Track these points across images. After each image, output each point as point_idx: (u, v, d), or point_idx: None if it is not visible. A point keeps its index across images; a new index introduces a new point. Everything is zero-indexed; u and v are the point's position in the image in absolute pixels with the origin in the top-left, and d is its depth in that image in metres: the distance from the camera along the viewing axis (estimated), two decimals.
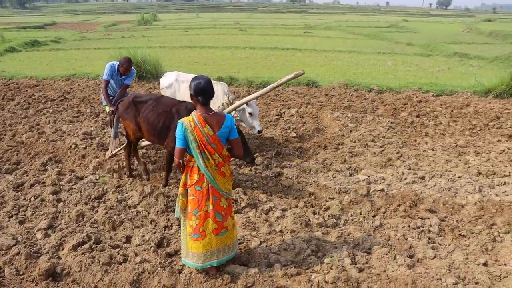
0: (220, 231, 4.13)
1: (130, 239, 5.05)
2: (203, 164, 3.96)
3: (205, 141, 3.90)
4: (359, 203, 5.94)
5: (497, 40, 28.31)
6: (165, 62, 14.90)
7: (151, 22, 41.85)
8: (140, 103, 6.22)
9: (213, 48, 20.81)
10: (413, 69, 16.27)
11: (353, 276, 4.23)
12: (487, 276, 4.34)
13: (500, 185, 6.59)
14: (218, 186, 4.05)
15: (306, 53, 19.67)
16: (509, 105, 11.34)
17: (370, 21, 47.35)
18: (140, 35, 27.21)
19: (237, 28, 33.62)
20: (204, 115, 3.92)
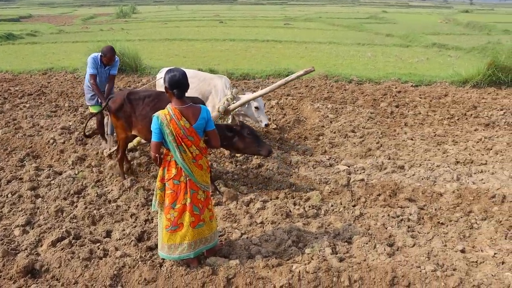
0: (197, 224, 4.14)
1: (110, 233, 5.01)
2: (180, 157, 3.96)
3: (181, 134, 3.90)
4: (339, 193, 5.98)
5: (474, 31, 28.67)
6: (145, 55, 14.74)
7: (130, 15, 41.27)
8: (136, 100, 5.84)
9: (193, 40, 20.64)
10: (392, 60, 16.39)
11: (334, 266, 4.27)
12: (464, 262, 4.43)
13: (477, 173, 6.70)
14: (195, 179, 4.06)
15: (286, 44, 19.65)
16: (486, 94, 11.52)
17: (350, 12, 47.47)
18: (119, 28, 26.82)
19: (217, 20, 33.39)
20: (179, 108, 3.91)
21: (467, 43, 20.49)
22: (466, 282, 4.08)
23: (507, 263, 4.40)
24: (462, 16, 40.90)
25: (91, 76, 7.01)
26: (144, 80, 12.10)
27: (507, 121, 9.30)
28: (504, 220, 5.28)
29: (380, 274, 4.18)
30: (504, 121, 9.34)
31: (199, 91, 7.23)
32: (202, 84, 7.30)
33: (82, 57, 13.64)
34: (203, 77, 7.43)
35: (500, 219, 5.31)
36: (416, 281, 4.13)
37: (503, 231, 5.02)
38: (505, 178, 6.51)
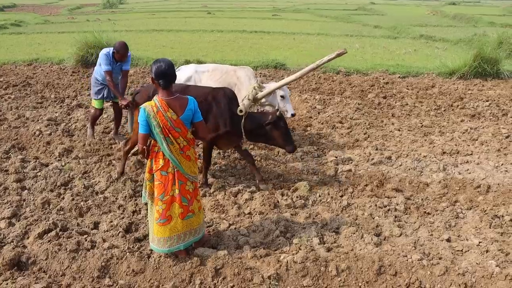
0: (186, 215, 4.14)
1: (97, 225, 4.98)
2: (168, 149, 3.94)
3: (168, 125, 3.88)
4: (327, 183, 6.00)
5: (460, 23, 28.87)
6: (132, 46, 14.48)
7: (117, 5, 40.87)
8: None
9: (180, 31, 20.51)
10: (380, 51, 16.45)
11: (322, 256, 4.29)
12: (450, 251, 4.49)
13: (463, 163, 6.77)
14: (183, 170, 4.04)
15: (275, 35, 19.61)
16: (472, 86, 11.63)
17: (338, 4, 47.51)
18: (105, 19, 26.54)
19: (205, 11, 33.20)
20: (166, 99, 3.90)
21: (454, 35, 20.63)
22: (452, 271, 4.13)
23: (491, 252, 4.47)
24: (449, 8, 41.15)
25: (107, 73, 6.86)
26: (131, 71, 11.98)
27: (492, 112, 9.40)
28: (488, 209, 5.36)
29: (367, 264, 4.21)
30: (490, 112, 9.44)
31: (223, 83, 6.95)
32: (226, 76, 7.09)
33: (68, 47, 13.49)
34: (225, 69, 7.22)
35: (484, 209, 5.38)
36: (403, 270, 4.17)
37: (487, 220, 5.09)
38: (490, 168, 6.59)
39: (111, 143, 7.22)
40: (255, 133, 5.62)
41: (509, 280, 4.02)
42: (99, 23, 23.10)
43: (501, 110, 9.56)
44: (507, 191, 5.81)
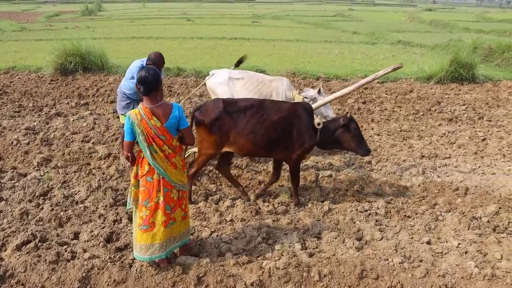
0: (168, 223, 4.12)
1: (78, 235, 4.90)
2: (151, 157, 3.92)
3: (152, 133, 3.86)
4: (308, 189, 6.04)
5: (437, 28, 29.35)
6: (111, 53, 14.49)
7: (96, 13, 40.41)
8: (236, 112, 5.27)
9: (160, 38, 20.40)
10: (359, 57, 16.61)
11: (304, 261, 4.31)
12: (430, 254, 4.56)
13: (441, 166, 6.88)
14: (169, 178, 4.02)
15: (254, 42, 19.66)
16: (449, 90, 11.84)
17: (317, 10, 47.86)
18: (84, 26, 26.24)
19: (185, 18, 33.10)
20: (150, 107, 3.89)
21: (431, 41, 20.97)
22: (432, 273, 4.20)
23: (469, 253, 4.55)
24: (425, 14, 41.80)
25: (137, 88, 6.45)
26: (111, 79, 11.89)
27: (469, 116, 9.59)
28: (467, 211, 5.45)
29: (349, 268, 4.24)
30: (466, 115, 9.63)
31: (258, 93, 6.80)
32: (261, 86, 6.91)
33: (46, 55, 13.29)
34: (261, 79, 7.04)
35: (463, 211, 5.47)
36: (384, 273, 4.21)
37: (466, 222, 5.18)
38: (467, 170, 6.72)
39: (91, 152, 7.14)
40: (328, 141, 5.57)
41: (487, 280, 4.10)
42: (77, 31, 22.86)
43: (477, 114, 9.76)
44: (484, 193, 5.92)
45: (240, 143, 5.28)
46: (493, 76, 13.09)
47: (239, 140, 5.26)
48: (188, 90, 11.03)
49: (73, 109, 9.57)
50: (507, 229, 5.08)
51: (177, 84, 11.67)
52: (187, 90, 11.08)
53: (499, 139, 8.19)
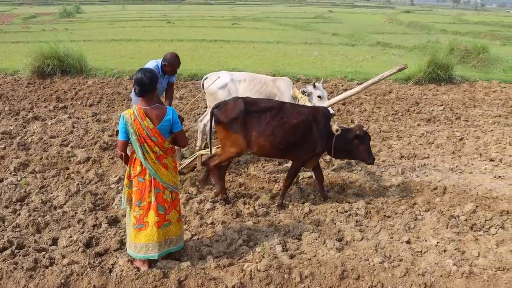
0: (162, 224, 4.16)
1: (56, 241, 4.82)
2: (143, 157, 4.00)
3: (145, 134, 3.95)
4: (289, 190, 6.04)
5: (415, 30, 29.79)
6: (90, 56, 14.31)
7: (74, 15, 39.87)
8: (256, 113, 5.26)
9: (140, 41, 20.25)
10: (338, 58, 16.74)
11: (285, 263, 4.32)
12: (410, 253, 4.61)
13: (420, 166, 6.96)
14: (161, 179, 4.09)
15: (235, 44, 19.66)
16: (427, 91, 12.00)
17: (297, 12, 48.08)
18: (62, 28, 25.88)
19: (165, 20, 32.92)
20: (144, 108, 3.98)
21: (409, 42, 21.26)
22: (412, 271, 4.25)
23: (448, 251, 4.62)
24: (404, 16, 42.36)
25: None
26: (90, 82, 11.75)
27: (446, 116, 9.74)
28: (445, 210, 5.53)
29: (330, 269, 4.26)
30: (444, 116, 9.78)
31: (264, 94, 6.80)
32: (265, 87, 6.90)
33: (23, 58, 13.06)
34: (263, 80, 7.01)
35: (441, 210, 5.55)
36: (365, 273, 4.25)
37: (444, 221, 5.25)
38: (445, 170, 6.81)
39: (69, 156, 7.03)
40: (342, 149, 5.60)
41: (465, 278, 4.17)
42: (55, 33, 22.54)
43: (454, 114, 9.92)
44: (462, 191, 6.01)
45: (260, 143, 5.30)
46: (469, 77, 13.34)
47: (260, 140, 5.27)
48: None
49: (51, 112, 9.42)
50: (484, 227, 5.18)
51: None
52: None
53: (476, 139, 8.34)
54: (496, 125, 9.20)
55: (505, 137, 8.39)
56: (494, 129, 8.95)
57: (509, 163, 7.10)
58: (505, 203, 5.72)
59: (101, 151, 7.25)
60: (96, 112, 9.43)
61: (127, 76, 12.37)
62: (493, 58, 15.83)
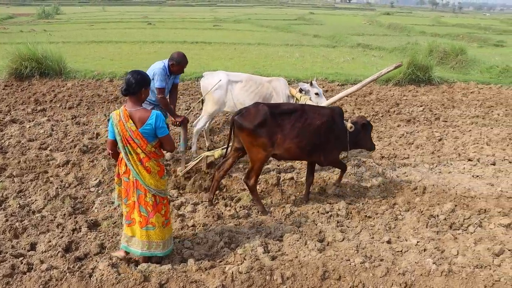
0: (145, 225, 4.20)
1: (35, 246, 4.73)
2: (126, 158, 4.06)
3: (127, 135, 4.00)
4: (270, 192, 6.05)
5: (395, 32, 30.16)
6: (70, 58, 14.14)
7: (53, 16, 39.33)
8: (280, 115, 5.34)
9: (120, 42, 20.08)
10: (319, 60, 16.84)
11: (266, 265, 4.31)
12: (390, 253, 4.64)
13: (400, 166, 7.04)
14: (143, 181, 4.10)
15: (216, 46, 19.63)
16: (407, 92, 12.14)
17: (278, 14, 48.28)
18: (41, 30, 25.50)
19: (146, 22, 32.71)
20: (129, 110, 4.03)
21: (389, 44, 21.50)
22: (393, 271, 4.28)
23: (428, 250, 4.67)
24: (384, 18, 42.87)
25: (160, 90, 6.03)
26: (69, 84, 11.59)
27: (426, 117, 9.87)
28: (425, 210, 5.59)
29: (311, 270, 4.27)
30: (424, 116, 9.90)
31: (259, 94, 6.93)
32: (261, 87, 6.99)
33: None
34: (259, 81, 7.10)
35: (421, 209, 5.62)
36: (346, 273, 4.27)
37: (424, 220, 5.32)
38: (425, 170, 6.90)
39: (48, 159, 6.93)
40: (353, 142, 5.81)
41: (445, 276, 4.22)
42: (33, 34, 22.24)
43: (434, 115, 10.06)
44: (441, 191, 6.09)
45: (286, 146, 5.35)
46: (448, 78, 13.55)
47: (285, 143, 5.34)
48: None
49: (29, 115, 9.27)
50: (462, 225, 5.26)
51: None
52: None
53: (455, 139, 8.46)
54: (474, 126, 9.35)
55: (482, 137, 8.54)
56: (472, 129, 9.09)
57: (487, 163, 7.22)
58: (482, 202, 5.82)
59: (80, 154, 7.16)
60: (76, 115, 9.31)
61: (107, 78, 12.25)
62: (471, 59, 16.12)
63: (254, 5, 76.23)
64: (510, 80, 13.56)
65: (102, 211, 5.45)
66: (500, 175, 6.81)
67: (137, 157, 4.05)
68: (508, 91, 12.56)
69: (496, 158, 7.42)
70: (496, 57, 17.68)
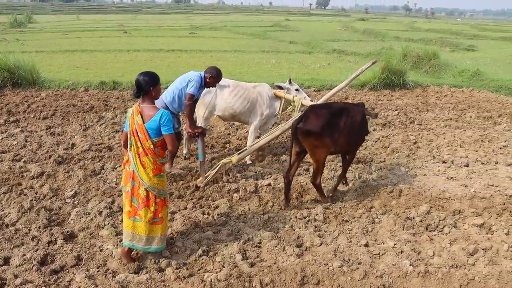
0: (134, 216, 4.41)
1: (8, 260, 4.61)
2: (129, 148, 4.38)
3: (134, 128, 4.30)
4: (247, 199, 6.05)
5: (369, 37, 30.61)
6: (44, 67, 13.96)
7: (26, 25, 38.61)
8: (335, 115, 5.78)
9: (95, 51, 19.89)
10: (296, 66, 16.97)
11: (245, 271, 4.31)
12: (368, 256, 4.69)
13: (376, 170, 7.12)
14: (138, 173, 4.35)
15: (192, 53, 19.61)
16: (382, 96, 12.32)
17: (254, 21, 48.49)
18: (13, 39, 25.07)
19: (121, 30, 32.49)
20: (141, 106, 4.36)
21: (364, 49, 21.80)
22: (370, 274, 4.33)
23: (405, 252, 4.73)
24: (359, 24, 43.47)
25: (191, 97, 6.23)
26: (43, 94, 11.42)
27: (401, 120, 10.02)
28: (401, 212, 5.67)
29: (290, 275, 4.29)
30: (399, 120, 10.05)
31: (247, 99, 7.30)
32: (248, 92, 7.34)
33: None
34: (245, 85, 7.49)
35: (397, 212, 5.68)
36: (325, 278, 4.30)
37: (400, 222, 5.39)
38: (401, 173, 6.99)
39: (22, 171, 6.80)
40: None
41: (421, 277, 4.29)
42: (5, 44, 21.87)
43: (408, 118, 10.21)
44: (416, 193, 6.18)
45: (340, 142, 5.80)
46: (422, 82, 13.82)
47: (340, 140, 5.76)
48: (125, 104, 10.79)
49: (1, 126, 9.08)
50: (438, 227, 5.35)
51: (113, 98, 11.39)
52: (124, 104, 10.84)
53: (429, 142, 8.60)
54: (447, 128, 9.53)
55: (456, 139, 8.70)
56: (446, 132, 9.26)
57: (460, 164, 7.36)
58: (457, 203, 5.93)
59: (56, 165, 7.05)
60: (50, 125, 9.16)
61: (82, 87, 12.11)
62: (443, 63, 16.46)
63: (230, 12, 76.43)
64: (481, 83, 13.92)
65: (78, 222, 5.37)
66: (473, 176, 6.95)
67: (137, 150, 4.33)
68: (480, 94, 12.87)
69: (469, 159, 7.57)
70: (467, 61, 18.13)
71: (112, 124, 9.29)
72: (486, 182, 6.66)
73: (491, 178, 6.86)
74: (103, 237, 5.00)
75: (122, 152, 7.60)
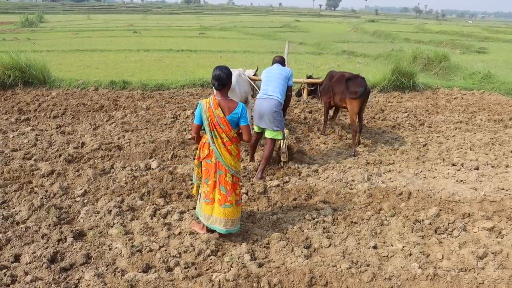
0: (224, 203, 4.74)
1: (19, 257, 4.66)
2: (211, 140, 4.64)
3: (215, 121, 4.58)
4: (256, 200, 6.05)
5: (379, 39, 30.50)
6: (54, 66, 14.08)
7: (37, 24, 39.02)
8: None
9: (105, 51, 20.02)
10: (305, 67, 16.94)
11: (253, 272, 4.31)
12: (376, 258, 4.67)
13: (386, 172, 7.09)
14: (224, 162, 4.67)
15: (201, 54, 19.66)
16: (392, 98, 12.26)
17: (264, 22, 48.54)
18: (24, 38, 25.32)
19: (131, 30, 32.69)
20: (219, 99, 4.64)
21: (374, 50, 21.73)
22: (379, 276, 4.31)
23: (413, 255, 4.71)
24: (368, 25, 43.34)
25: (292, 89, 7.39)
26: (54, 93, 11.52)
27: (410, 123, 9.97)
28: (410, 215, 5.64)
29: (298, 276, 4.28)
30: (408, 122, 10.00)
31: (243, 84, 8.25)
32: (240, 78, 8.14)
33: None
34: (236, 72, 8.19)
35: (407, 214, 5.65)
36: (333, 279, 4.28)
37: (409, 225, 5.36)
38: (410, 176, 6.96)
39: (33, 169, 6.85)
40: None
41: (430, 280, 4.26)
42: (17, 43, 22.07)
43: (418, 121, 10.17)
44: (426, 196, 6.15)
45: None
46: (432, 84, 13.73)
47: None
48: (134, 104, 10.85)
49: (12, 125, 9.17)
50: (447, 230, 5.31)
51: (123, 98, 11.45)
52: (133, 103, 10.90)
53: (439, 144, 8.56)
54: (457, 131, 9.48)
55: (466, 142, 8.65)
56: (455, 134, 9.22)
57: (470, 167, 7.32)
58: (466, 206, 5.90)
59: (66, 163, 7.10)
60: (61, 124, 9.24)
61: (92, 87, 12.19)
62: (454, 66, 16.37)
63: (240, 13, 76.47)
64: (492, 86, 13.81)
65: (88, 221, 5.40)
66: (483, 179, 6.91)
67: (221, 141, 4.63)
68: (490, 97, 12.78)
69: (479, 162, 7.52)
70: (478, 63, 17.99)
71: (122, 123, 9.34)
72: (496, 186, 6.62)
73: (501, 181, 6.82)
74: (112, 236, 5.03)
75: (132, 151, 7.65)
